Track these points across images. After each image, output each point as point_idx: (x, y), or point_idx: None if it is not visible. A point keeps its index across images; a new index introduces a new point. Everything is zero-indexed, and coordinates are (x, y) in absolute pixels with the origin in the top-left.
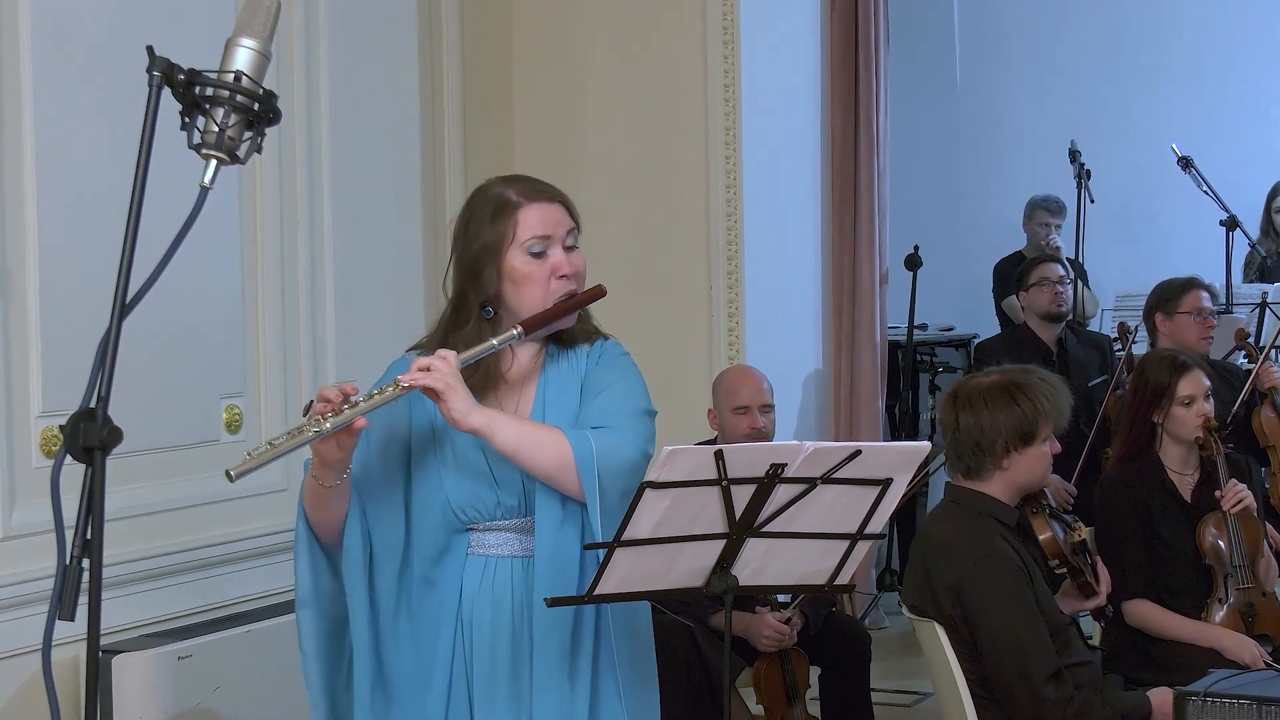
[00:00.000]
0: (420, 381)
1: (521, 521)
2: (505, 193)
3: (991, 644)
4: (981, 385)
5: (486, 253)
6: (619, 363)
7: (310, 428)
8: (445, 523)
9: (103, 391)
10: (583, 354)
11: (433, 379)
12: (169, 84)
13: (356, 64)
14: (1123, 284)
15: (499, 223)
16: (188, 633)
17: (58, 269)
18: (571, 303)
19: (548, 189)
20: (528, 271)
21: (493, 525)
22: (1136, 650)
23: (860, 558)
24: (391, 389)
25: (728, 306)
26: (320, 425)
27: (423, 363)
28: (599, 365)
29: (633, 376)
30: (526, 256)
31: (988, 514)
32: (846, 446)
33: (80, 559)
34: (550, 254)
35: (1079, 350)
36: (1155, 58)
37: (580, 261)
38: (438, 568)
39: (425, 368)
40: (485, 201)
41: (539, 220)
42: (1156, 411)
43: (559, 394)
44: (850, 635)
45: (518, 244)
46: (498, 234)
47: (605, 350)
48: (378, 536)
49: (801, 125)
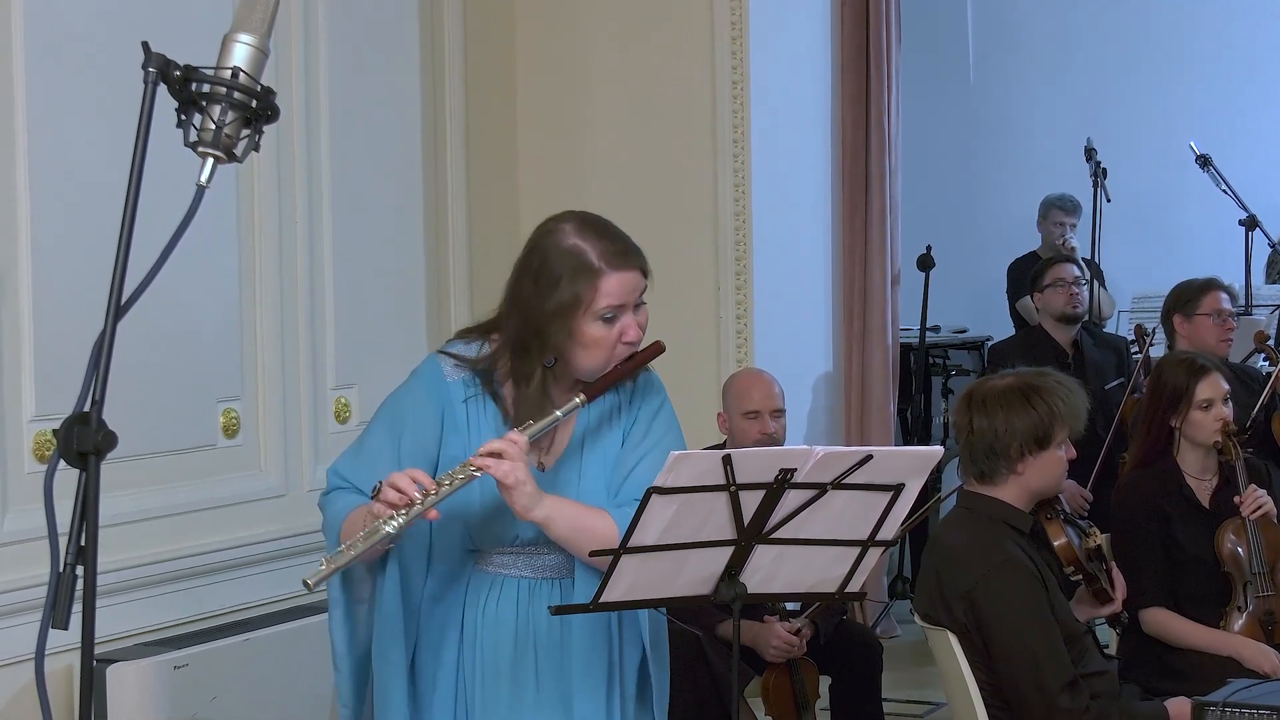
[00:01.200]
0: (491, 471)
1: (531, 548)
2: (586, 253)
3: (1005, 653)
4: (997, 387)
5: (561, 314)
6: (654, 408)
7: (384, 526)
8: (461, 544)
9: (97, 395)
10: (626, 388)
11: (503, 472)
12: (165, 80)
13: (357, 60)
14: (1140, 285)
15: (577, 285)
16: (184, 641)
17: (51, 270)
18: (632, 364)
19: (629, 251)
20: (597, 337)
21: (502, 549)
22: (1153, 659)
23: (871, 565)
24: (462, 476)
25: (736, 308)
26: (396, 522)
27: (494, 447)
28: (638, 418)
29: (671, 430)
30: (599, 322)
31: (1001, 520)
32: (857, 451)
33: (74, 566)
34: (620, 319)
35: (1095, 353)
36: (1173, 53)
37: (645, 318)
38: (444, 584)
39: (497, 453)
40: (562, 256)
41: (619, 290)
42: (1174, 415)
43: (598, 430)
44: (861, 644)
45: (593, 312)
46: (574, 297)
47: (649, 390)
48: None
49: (811, 123)
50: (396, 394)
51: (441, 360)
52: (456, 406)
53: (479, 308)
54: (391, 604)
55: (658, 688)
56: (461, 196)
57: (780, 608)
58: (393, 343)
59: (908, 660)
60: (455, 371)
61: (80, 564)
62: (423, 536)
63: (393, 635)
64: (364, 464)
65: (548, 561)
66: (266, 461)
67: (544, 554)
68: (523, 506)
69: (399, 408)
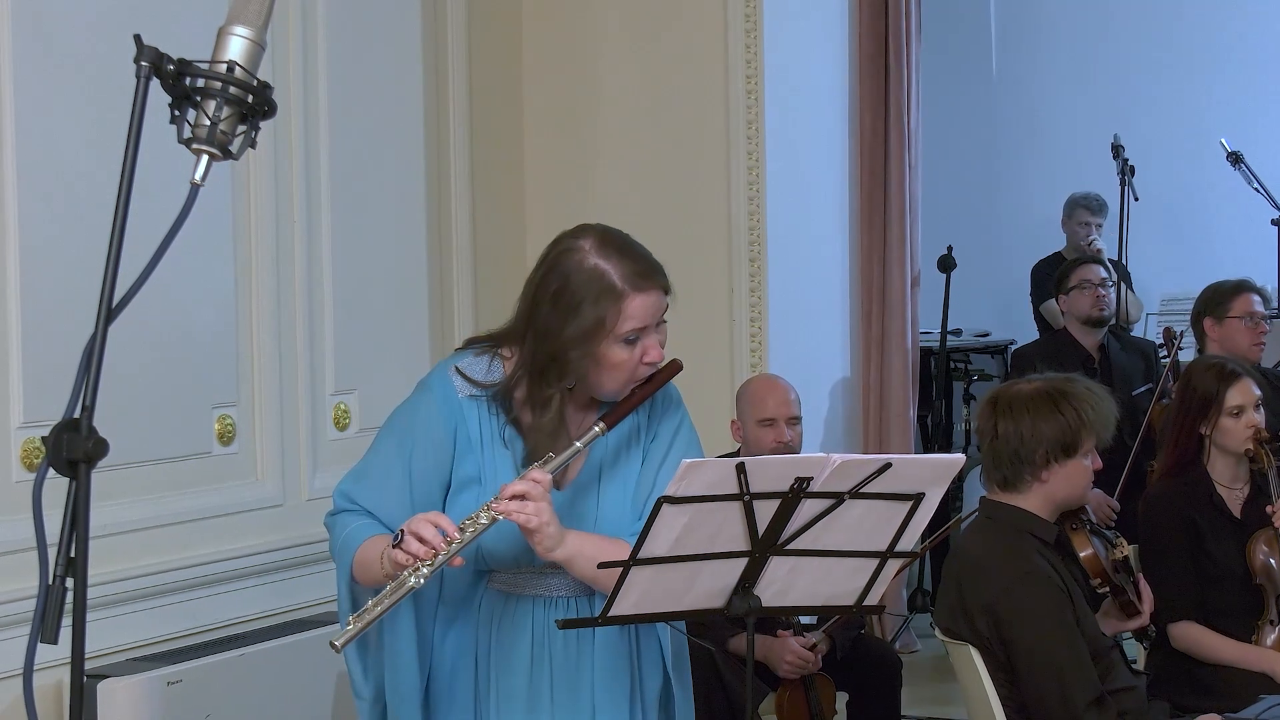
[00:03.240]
0: (514, 517)
1: (544, 566)
2: (609, 275)
3: (1030, 668)
4: (1023, 392)
5: (583, 339)
6: (675, 425)
7: (410, 579)
8: (475, 566)
9: (87, 401)
10: (644, 406)
11: (526, 516)
12: (157, 75)
13: (357, 54)
14: (1168, 287)
15: (600, 309)
16: (177, 656)
17: (40, 271)
18: (651, 386)
19: (653, 271)
20: (619, 360)
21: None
22: (1183, 675)
23: (890, 577)
24: (485, 519)
25: (750, 311)
26: (422, 572)
27: (518, 489)
28: (658, 435)
29: (692, 445)
30: (621, 345)
31: (1025, 530)
32: (876, 459)
33: (64, 578)
34: (642, 340)
35: (1122, 357)
36: (1204, 46)
37: (664, 336)
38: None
39: (520, 495)
40: (583, 278)
41: (642, 313)
42: (1203, 422)
43: (616, 448)
44: (880, 659)
45: (616, 336)
46: (598, 322)
47: (668, 406)
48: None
49: (828, 119)
50: (405, 409)
51: (454, 376)
52: (470, 425)
53: (483, 310)
54: (405, 638)
55: (681, 711)
56: (465, 195)
57: (795, 622)
58: (394, 346)
59: (928, 676)
60: (467, 388)
61: (70, 576)
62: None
63: (406, 667)
64: (373, 486)
65: (563, 581)
66: (263, 470)
67: (559, 573)
68: (546, 548)
69: (409, 425)
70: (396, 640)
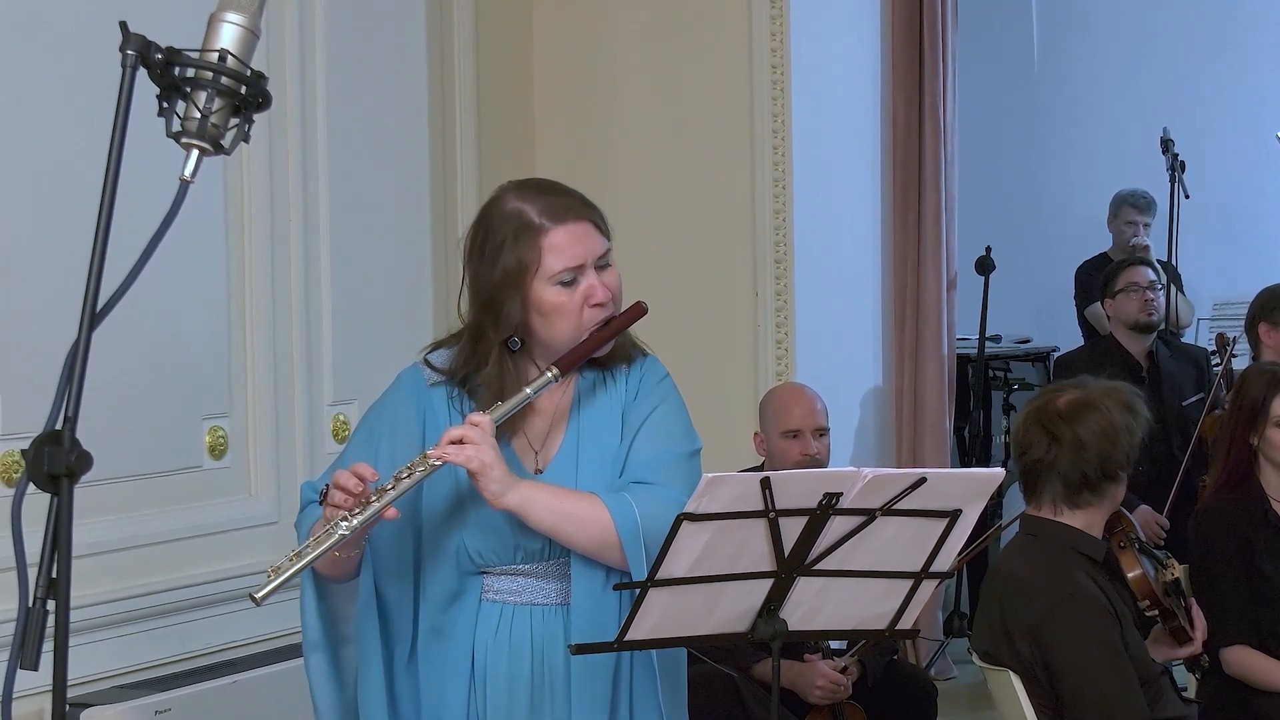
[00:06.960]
0: (452, 459)
1: (541, 566)
2: (525, 211)
3: (1074, 695)
4: (1106, 399)
5: (508, 283)
6: (657, 392)
7: (337, 529)
8: (459, 565)
9: (70, 412)
10: (621, 377)
11: (466, 457)
12: (144, 64)
13: (357, 44)
14: (1221, 290)
15: (521, 249)
16: (166, 684)
17: (19, 273)
18: (608, 330)
19: (574, 203)
20: (558, 303)
21: (509, 569)
22: (1237, 703)
23: (925, 599)
24: (421, 469)
25: (776, 316)
26: (349, 523)
27: (454, 434)
28: (637, 398)
29: (674, 411)
30: (556, 287)
31: (1071, 547)
32: (910, 473)
33: (45, 600)
34: (582, 280)
35: (1172, 365)
36: (1259, 33)
37: (615, 280)
38: (447, 615)
39: (457, 439)
40: (502, 220)
41: (568, 247)
42: (1253, 433)
43: (596, 429)
44: (914, 686)
45: (544, 276)
46: (520, 262)
47: (645, 374)
48: (386, 583)
49: (859, 113)
50: (375, 405)
51: (422, 368)
52: (439, 412)
53: None
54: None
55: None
56: (472, 195)
57: (824, 646)
58: (396, 354)
59: (965, 704)
60: (434, 375)
61: (52, 598)
62: (405, 562)
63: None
64: None
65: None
66: (257, 485)
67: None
68: (493, 493)
69: (378, 418)
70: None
